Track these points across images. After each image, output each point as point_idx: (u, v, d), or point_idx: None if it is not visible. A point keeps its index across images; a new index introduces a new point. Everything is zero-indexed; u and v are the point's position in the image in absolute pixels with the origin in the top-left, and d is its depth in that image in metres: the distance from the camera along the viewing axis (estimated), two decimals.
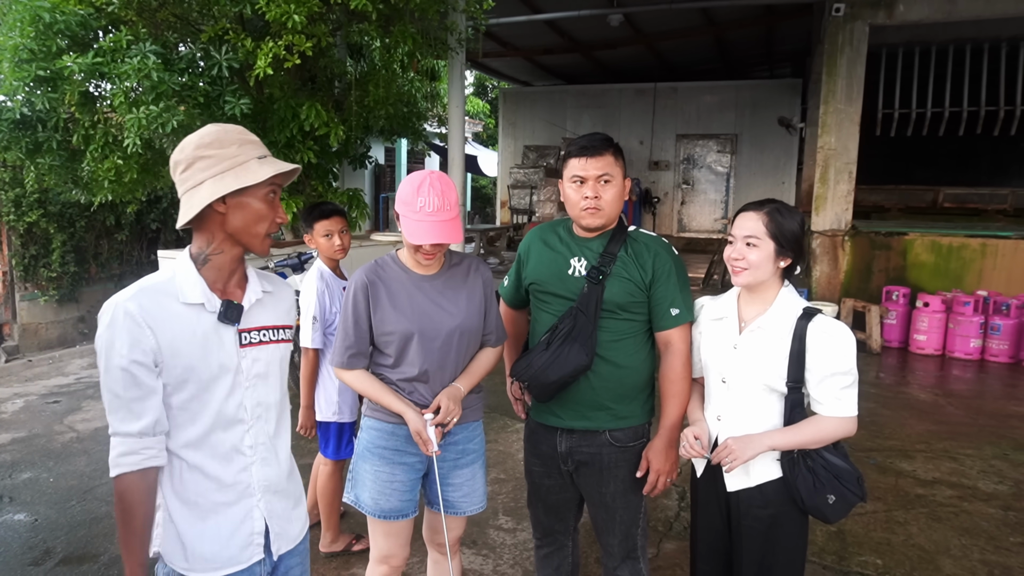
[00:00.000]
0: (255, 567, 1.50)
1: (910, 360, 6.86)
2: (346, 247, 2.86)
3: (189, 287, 1.42)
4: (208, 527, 1.44)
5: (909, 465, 4.16)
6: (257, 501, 1.50)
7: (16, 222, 8.47)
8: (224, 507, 1.46)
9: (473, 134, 22.70)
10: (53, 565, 3.05)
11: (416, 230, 1.86)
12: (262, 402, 1.51)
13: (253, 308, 1.51)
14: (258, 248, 1.47)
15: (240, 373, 1.47)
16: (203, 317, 1.42)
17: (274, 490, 1.54)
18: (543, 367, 1.97)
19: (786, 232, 1.87)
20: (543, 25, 10.60)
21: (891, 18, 7.30)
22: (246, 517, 1.48)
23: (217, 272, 1.46)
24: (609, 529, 2.14)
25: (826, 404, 1.86)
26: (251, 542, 1.49)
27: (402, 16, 5.98)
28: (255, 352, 1.50)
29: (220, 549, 1.45)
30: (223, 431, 1.45)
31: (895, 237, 7.60)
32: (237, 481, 1.47)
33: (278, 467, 1.56)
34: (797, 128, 11.81)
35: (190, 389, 1.40)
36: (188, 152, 1.41)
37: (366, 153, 7.75)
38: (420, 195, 1.87)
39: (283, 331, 1.59)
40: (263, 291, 1.55)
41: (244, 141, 1.44)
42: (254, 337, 1.50)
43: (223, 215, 1.42)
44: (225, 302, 1.45)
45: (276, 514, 1.54)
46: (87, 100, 5.59)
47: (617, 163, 2.01)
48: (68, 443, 4.42)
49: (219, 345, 1.43)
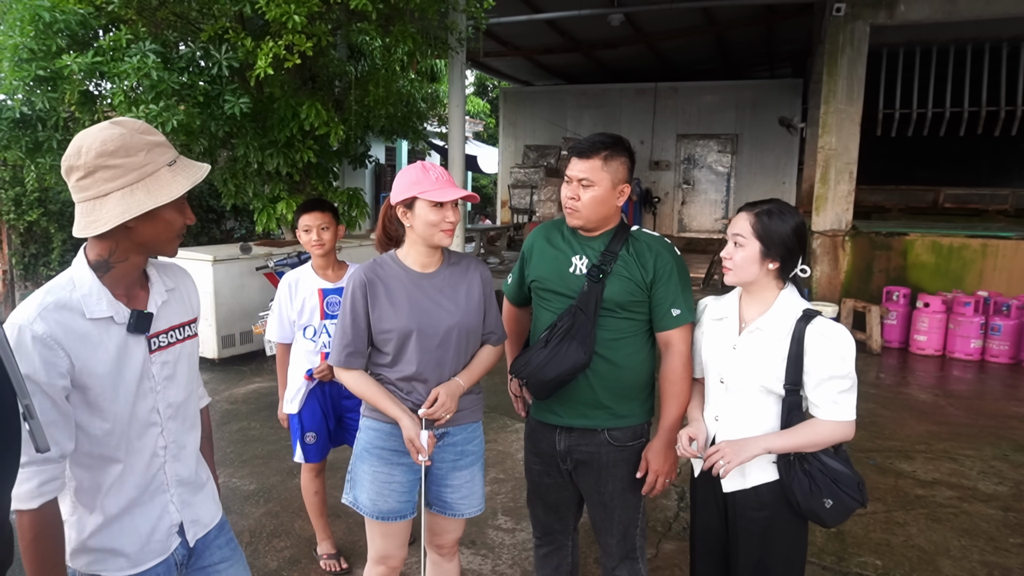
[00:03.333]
0: (171, 557, 1.52)
1: (910, 360, 6.86)
2: (325, 243, 2.76)
3: (94, 301, 1.33)
4: (126, 528, 1.43)
5: (909, 466, 4.15)
6: (171, 496, 1.51)
7: (16, 221, 8.47)
8: (141, 507, 1.46)
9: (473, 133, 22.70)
10: None
11: (443, 191, 1.88)
12: (172, 402, 1.49)
13: (160, 311, 1.46)
14: (169, 252, 1.42)
15: (151, 379, 1.43)
16: (112, 330, 1.36)
17: (185, 483, 1.55)
18: (541, 364, 1.97)
19: (773, 234, 1.86)
20: (544, 25, 10.60)
21: (892, 18, 7.30)
22: (163, 512, 1.49)
23: (120, 280, 1.39)
24: (607, 529, 2.13)
25: (823, 408, 1.85)
26: (170, 533, 1.51)
27: (402, 16, 5.97)
28: (164, 355, 1.47)
29: (141, 547, 1.45)
30: (138, 437, 1.43)
31: (895, 237, 7.59)
32: (151, 482, 1.47)
33: (187, 461, 1.56)
34: (798, 128, 11.81)
35: (105, 403, 1.36)
36: (89, 159, 1.29)
37: (366, 152, 7.75)
38: (428, 171, 1.92)
39: (189, 327, 1.55)
40: (167, 290, 1.50)
41: (151, 145, 1.34)
42: (162, 340, 1.47)
43: (131, 228, 1.33)
44: (134, 312, 1.39)
45: (188, 504, 1.55)
46: (87, 99, 5.59)
47: (606, 168, 1.97)
48: None
49: (129, 356, 1.39)
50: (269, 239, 7.72)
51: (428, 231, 1.92)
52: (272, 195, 6.35)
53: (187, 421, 1.55)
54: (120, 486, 1.42)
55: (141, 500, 1.45)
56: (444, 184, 1.90)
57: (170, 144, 1.39)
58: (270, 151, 5.98)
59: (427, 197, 1.88)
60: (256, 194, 6.39)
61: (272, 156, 6.00)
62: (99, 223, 1.29)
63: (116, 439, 1.39)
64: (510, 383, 2.27)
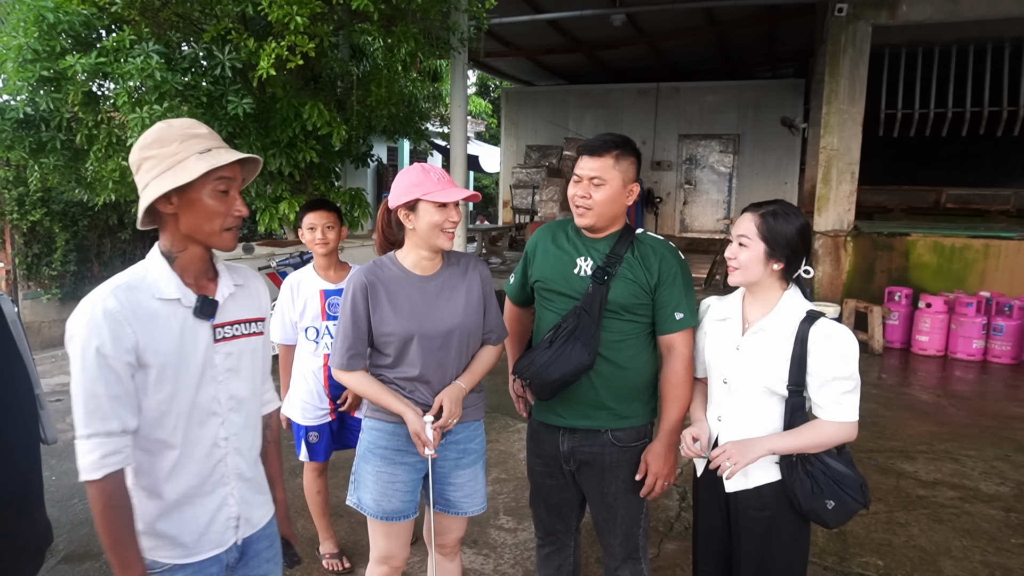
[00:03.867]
0: (224, 556, 1.54)
1: (912, 361, 6.86)
2: (329, 242, 2.76)
3: (164, 283, 1.42)
4: (187, 517, 1.47)
5: (911, 466, 4.16)
6: (231, 489, 1.54)
7: (19, 221, 8.51)
8: (202, 497, 1.49)
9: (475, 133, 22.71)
10: (55, 563, 3.06)
11: (446, 192, 1.89)
12: (235, 395, 1.53)
13: (226, 302, 1.52)
14: (219, 244, 1.46)
15: (214, 367, 1.48)
16: (179, 312, 1.42)
17: (244, 478, 1.58)
18: (545, 365, 1.98)
19: (778, 235, 1.87)
20: (545, 25, 10.61)
21: (894, 18, 7.30)
22: (222, 504, 1.53)
23: (187, 267, 1.46)
24: (610, 529, 2.14)
25: (827, 408, 1.86)
26: (227, 527, 1.54)
27: (404, 16, 5.98)
28: (228, 347, 1.52)
29: (198, 537, 1.49)
30: (199, 426, 1.47)
31: (897, 238, 7.59)
32: (212, 472, 1.50)
33: (248, 456, 1.60)
34: (800, 128, 11.81)
35: (167, 385, 1.41)
36: (136, 155, 1.41)
37: (368, 152, 7.76)
38: (429, 173, 1.93)
39: (256, 324, 1.60)
40: (235, 285, 1.55)
41: (187, 136, 1.41)
42: (227, 332, 1.52)
43: (174, 215, 1.41)
44: (200, 297, 1.46)
45: (245, 500, 1.58)
46: (90, 100, 5.60)
47: (617, 167, 1.99)
48: (70, 442, 4.38)
49: (194, 340, 1.44)
50: (271, 239, 7.74)
51: (431, 232, 1.93)
52: (274, 195, 6.36)
53: (250, 417, 1.59)
54: (179, 473, 1.45)
55: (202, 490, 1.48)
56: (446, 185, 1.91)
57: (215, 138, 1.44)
58: (272, 151, 5.99)
59: (431, 198, 1.89)
60: (258, 194, 6.40)
61: (275, 156, 6.01)
62: (140, 212, 1.40)
63: (172, 422, 1.43)
64: (512, 383, 2.28)
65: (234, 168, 1.44)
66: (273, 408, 1.77)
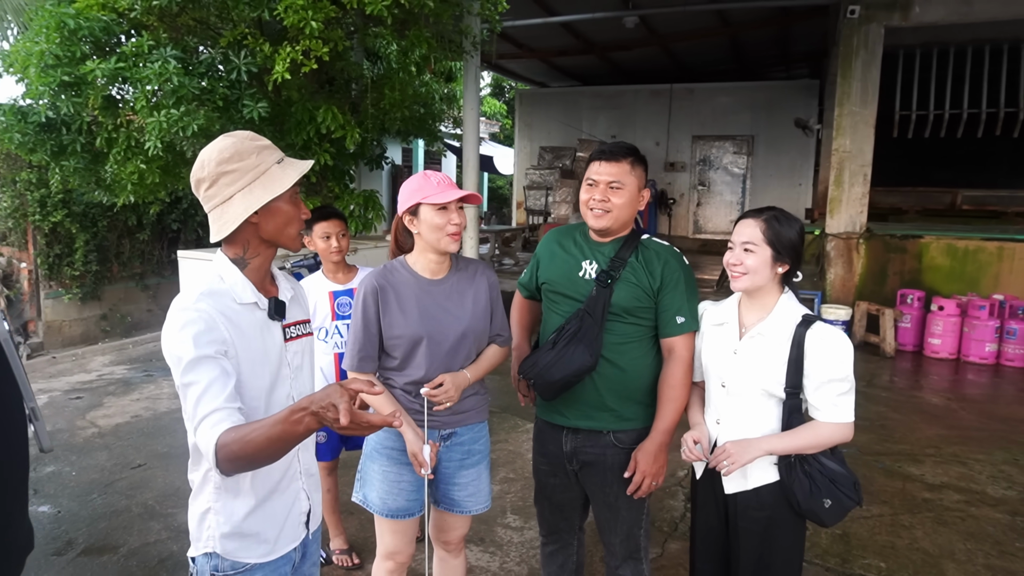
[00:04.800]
0: (293, 553, 1.61)
1: (924, 364, 6.83)
2: (343, 249, 2.86)
3: (240, 288, 1.49)
4: (267, 513, 1.54)
5: (917, 469, 4.16)
6: (302, 483, 1.63)
7: (41, 222, 8.66)
8: (280, 493, 1.56)
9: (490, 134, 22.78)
10: (75, 555, 3.16)
11: (443, 194, 1.95)
12: (302, 392, 1.61)
13: (289, 304, 1.61)
14: (292, 246, 1.55)
15: (287, 366, 1.57)
16: (256, 315, 1.51)
17: (310, 473, 1.66)
18: (548, 366, 2.04)
19: (783, 239, 1.92)
20: (558, 27, 10.64)
21: (907, 20, 7.27)
22: (296, 499, 1.60)
23: (256, 273, 1.54)
24: (612, 529, 2.19)
25: (823, 410, 1.90)
26: (300, 521, 1.62)
27: (417, 20, 6.05)
28: (296, 345, 1.61)
29: (279, 533, 1.56)
30: None
31: (910, 240, 7.56)
32: (289, 467, 1.58)
33: (311, 452, 1.69)
34: (814, 130, 11.76)
35: (256, 381, 1.48)
36: (211, 169, 1.45)
37: (382, 154, 7.84)
38: (429, 178, 2.00)
39: (307, 325, 1.69)
40: (290, 287, 1.65)
41: (261, 148, 1.48)
42: (294, 331, 1.61)
43: (256, 224, 1.49)
44: (272, 299, 1.54)
45: (311, 495, 1.67)
46: (110, 104, 5.72)
47: (633, 172, 2.07)
48: (90, 438, 4.55)
49: (272, 341, 1.53)
50: None
51: (434, 235, 1.98)
52: None
53: None
54: (266, 471, 1.49)
55: (280, 486, 1.56)
56: (445, 188, 1.97)
57: (275, 147, 1.52)
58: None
59: (429, 201, 1.95)
60: None
61: None
62: (228, 223, 1.45)
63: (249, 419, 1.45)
64: (517, 382, 2.32)
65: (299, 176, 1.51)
66: None
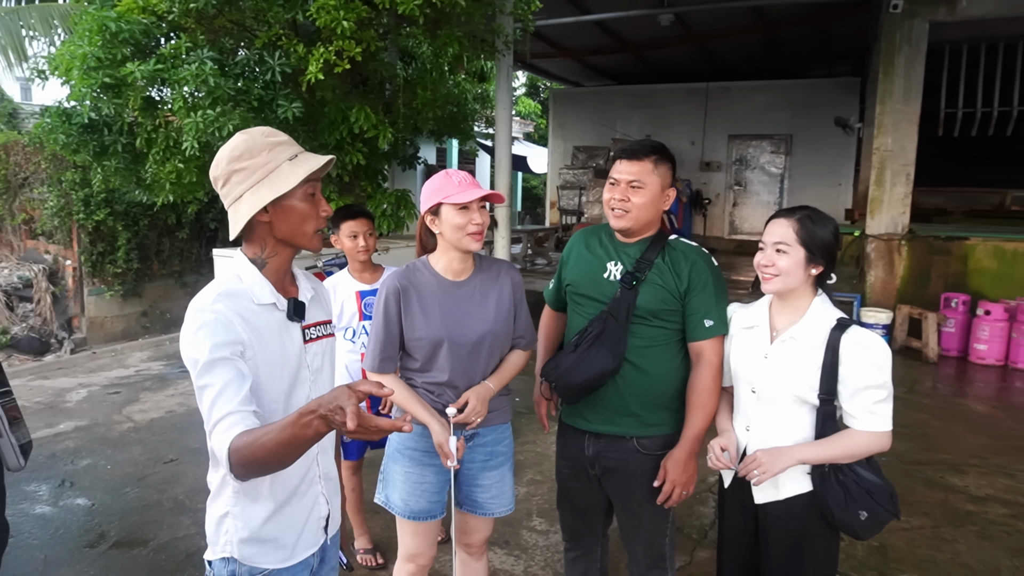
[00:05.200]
0: (311, 558, 1.58)
1: (969, 370, 6.59)
2: (370, 248, 2.85)
3: (259, 288, 1.45)
4: (287, 517, 1.51)
5: (960, 480, 4.01)
6: (321, 488, 1.60)
7: (85, 220, 8.91)
8: (299, 497, 1.53)
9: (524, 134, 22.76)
10: (106, 548, 3.22)
11: (464, 193, 1.91)
12: (322, 393, 1.56)
13: (310, 304, 1.57)
14: (310, 245, 1.50)
15: (306, 368, 1.53)
16: (275, 316, 1.47)
17: (329, 477, 1.63)
18: (569, 368, 2.00)
19: (817, 239, 1.85)
20: (592, 26, 10.57)
21: (953, 14, 7.02)
22: (315, 504, 1.57)
23: (275, 273, 1.51)
24: (635, 536, 2.14)
25: (859, 418, 1.82)
26: (319, 526, 1.59)
27: (449, 19, 6.05)
28: (315, 347, 1.57)
29: (298, 538, 1.53)
30: None
31: (955, 242, 7.30)
32: (308, 471, 1.55)
33: (330, 455, 1.65)
34: (855, 128, 11.45)
35: (275, 384, 1.45)
36: (223, 167, 1.43)
37: (415, 154, 7.87)
38: (452, 176, 1.96)
39: (329, 326, 1.66)
40: (312, 288, 1.62)
41: (273, 145, 1.43)
42: (313, 333, 1.57)
43: (269, 223, 1.45)
44: (291, 300, 1.51)
45: (331, 499, 1.64)
46: (149, 105, 5.83)
47: (655, 171, 2.01)
48: (125, 432, 4.64)
49: (291, 342, 1.50)
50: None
51: (455, 235, 1.95)
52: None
53: None
54: (284, 475, 1.46)
55: (300, 490, 1.53)
56: (467, 187, 1.94)
57: (293, 143, 1.47)
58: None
59: (450, 201, 1.92)
60: None
61: None
62: (238, 222, 1.43)
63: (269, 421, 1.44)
64: (539, 386, 2.29)
65: (318, 171, 1.46)
66: None
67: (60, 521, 3.46)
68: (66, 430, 4.71)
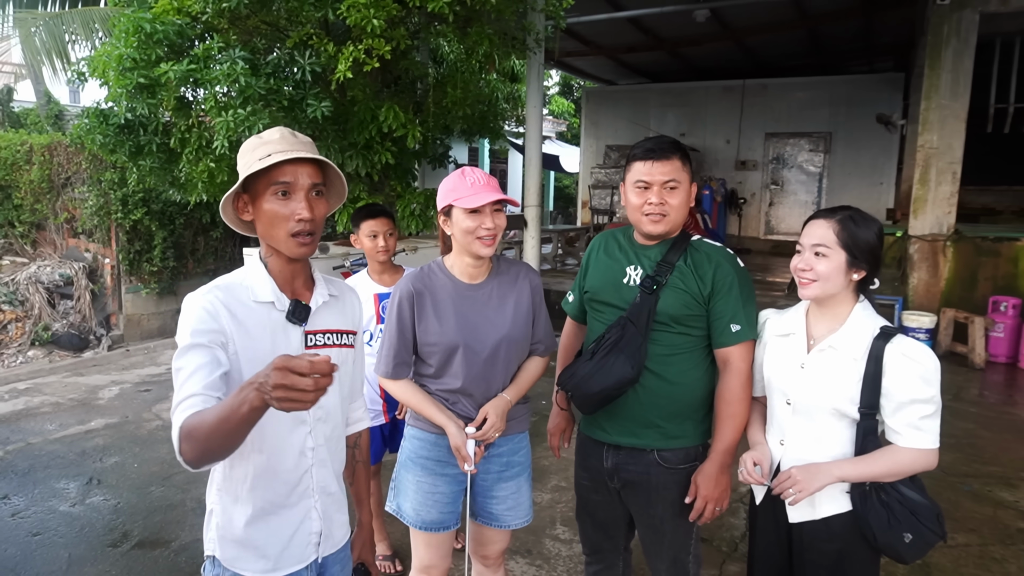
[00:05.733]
0: (303, 571, 1.52)
1: (1019, 377, 6.29)
2: (390, 248, 2.78)
3: (259, 286, 1.46)
4: (272, 528, 1.47)
5: (1011, 495, 3.80)
6: (315, 502, 1.53)
7: (123, 219, 9.07)
8: (286, 509, 1.48)
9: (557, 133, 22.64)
10: (129, 548, 3.22)
11: (474, 197, 1.83)
12: (323, 405, 1.51)
13: (319, 311, 1.52)
14: (285, 250, 1.43)
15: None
16: (273, 315, 1.45)
17: (328, 492, 1.56)
18: (586, 377, 1.90)
19: (860, 241, 1.72)
20: (626, 23, 10.41)
21: (1006, 4, 6.71)
22: (305, 517, 1.51)
23: (280, 273, 1.48)
24: (657, 553, 2.04)
25: (904, 434, 1.70)
26: (309, 542, 1.52)
27: (479, 17, 5.99)
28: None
29: (282, 550, 1.48)
30: (288, 432, 1.47)
31: (1005, 243, 6.99)
32: (299, 482, 1.49)
33: (333, 469, 1.58)
34: (897, 125, 11.08)
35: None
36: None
37: (445, 153, 7.83)
38: (466, 176, 1.89)
39: (347, 336, 1.59)
40: (329, 295, 1.56)
41: (257, 146, 1.43)
42: (319, 340, 1.52)
43: (252, 223, 1.47)
44: (293, 301, 1.48)
45: (328, 516, 1.56)
46: (182, 105, 5.89)
47: (684, 168, 1.91)
48: (154, 430, 4.68)
49: (286, 344, 1.45)
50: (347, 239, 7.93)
51: (465, 239, 1.88)
52: (352, 195, 6.51)
53: (336, 429, 1.59)
54: (267, 481, 1.45)
55: (288, 502, 1.48)
56: (479, 189, 1.85)
57: (285, 142, 1.42)
58: (349, 153, 6.14)
59: (460, 204, 1.85)
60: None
61: (351, 158, 6.15)
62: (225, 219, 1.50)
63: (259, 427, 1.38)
64: (555, 395, 2.19)
65: (293, 172, 1.40)
66: (363, 427, 1.75)
67: (86, 519, 3.48)
68: (97, 427, 4.77)
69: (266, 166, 1.39)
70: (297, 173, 1.41)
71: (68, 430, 4.70)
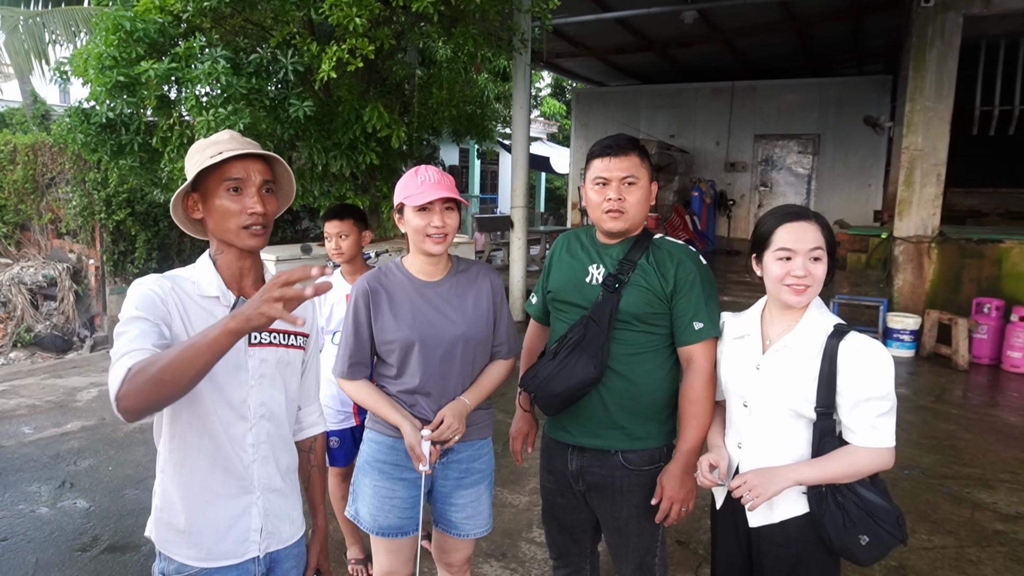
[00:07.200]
0: (248, 564, 1.52)
1: (1001, 379, 6.30)
2: (343, 251, 2.75)
3: (206, 281, 1.48)
4: (208, 517, 1.47)
5: (989, 496, 3.79)
6: (256, 498, 1.52)
7: (107, 220, 9.01)
8: (225, 499, 1.48)
9: (548, 135, 22.64)
10: (98, 552, 3.18)
11: (421, 194, 1.82)
12: (266, 403, 1.52)
13: None
14: (236, 241, 1.47)
15: (246, 371, 1.49)
16: (217, 310, 1.46)
17: (272, 488, 1.55)
18: (548, 378, 1.88)
19: (833, 242, 1.73)
20: (615, 24, 10.41)
21: (989, 7, 6.74)
22: (244, 513, 1.51)
23: (227, 270, 1.51)
24: (623, 556, 2.01)
25: (860, 433, 1.68)
26: (247, 538, 1.51)
27: (464, 17, 5.97)
28: (263, 352, 1.52)
29: (216, 541, 1.48)
30: (228, 425, 1.47)
31: (989, 245, 7.01)
32: (239, 476, 1.49)
33: (277, 467, 1.57)
34: (885, 128, 11.12)
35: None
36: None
37: (432, 154, 7.82)
38: (418, 175, 1.88)
39: (296, 337, 1.59)
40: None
41: (207, 146, 1.46)
42: (264, 338, 1.52)
43: (203, 220, 1.49)
44: (239, 298, 1.49)
45: (272, 513, 1.55)
46: (164, 104, 5.84)
47: (643, 165, 1.90)
48: (131, 433, 4.63)
49: None
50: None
51: (416, 237, 1.87)
52: (338, 195, 6.48)
53: (281, 428, 1.58)
54: (206, 469, 1.46)
55: (228, 492, 1.48)
56: (428, 188, 1.83)
57: (235, 142, 1.47)
58: (334, 153, 6.11)
59: (409, 202, 1.84)
60: (323, 194, 6.53)
61: (336, 158, 6.12)
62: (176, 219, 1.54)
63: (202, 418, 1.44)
64: (519, 397, 2.17)
65: (244, 168, 1.45)
66: (318, 431, 1.73)
67: (56, 523, 3.44)
68: (73, 430, 4.72)
69: (216, 163, 1.42)
70: (248, 169, 1.46)
71: (43, 432, 4.65)
